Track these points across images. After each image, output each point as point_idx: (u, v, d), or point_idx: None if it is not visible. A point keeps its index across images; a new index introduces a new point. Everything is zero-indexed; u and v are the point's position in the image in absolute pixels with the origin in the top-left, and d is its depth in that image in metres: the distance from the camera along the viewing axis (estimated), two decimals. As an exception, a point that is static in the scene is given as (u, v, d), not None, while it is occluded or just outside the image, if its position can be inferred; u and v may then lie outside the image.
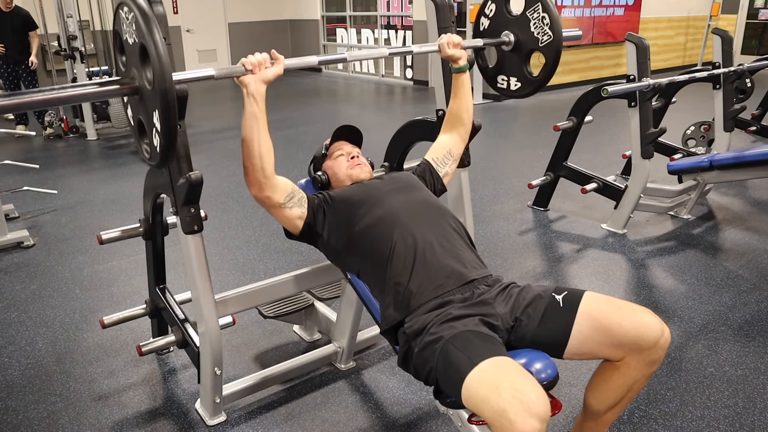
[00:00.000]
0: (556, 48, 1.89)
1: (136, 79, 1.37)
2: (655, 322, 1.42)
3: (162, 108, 1.28)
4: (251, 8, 11.31)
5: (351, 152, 1.95)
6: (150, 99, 1.33)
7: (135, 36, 1.33)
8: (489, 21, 2.06)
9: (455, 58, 1.91)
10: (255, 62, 1.53)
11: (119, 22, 1.42)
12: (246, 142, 1.56)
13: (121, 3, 1.37)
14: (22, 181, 4.56)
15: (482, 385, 1.25)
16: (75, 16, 5.86)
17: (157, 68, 1.26)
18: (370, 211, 1.69)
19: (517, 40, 1.98)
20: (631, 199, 3.47)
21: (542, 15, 1.90)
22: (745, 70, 4.00)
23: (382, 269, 1.61)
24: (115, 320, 2.19)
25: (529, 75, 2.01)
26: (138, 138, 1.48)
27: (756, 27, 11.12)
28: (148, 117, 1.38)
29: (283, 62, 1.59)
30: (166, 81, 1.26)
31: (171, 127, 1.30)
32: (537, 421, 1.15)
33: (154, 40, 1.26)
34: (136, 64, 1.36)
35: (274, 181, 1.64)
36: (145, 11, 1.29)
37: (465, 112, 2.00)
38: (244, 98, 1.53)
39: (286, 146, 5.86)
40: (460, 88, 1.98)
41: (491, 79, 2.13)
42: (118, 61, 1.49)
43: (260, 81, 1.54)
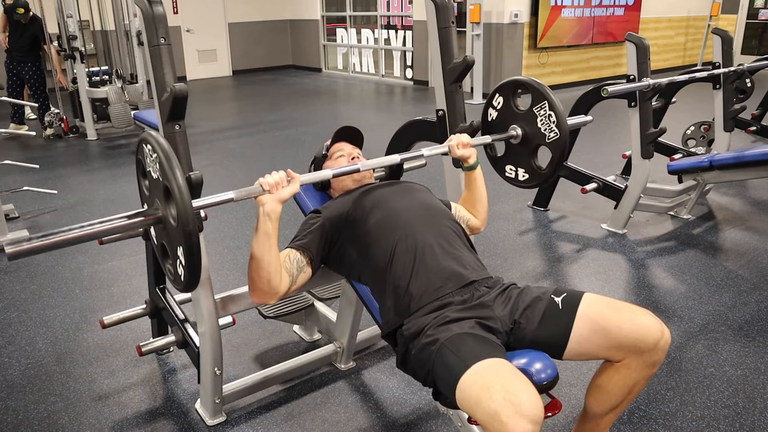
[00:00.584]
0: (562, 145, 1.92)
1: (160, 210, 1.40)
2: (654, 323, 1.41)
3: (186, 248, 1.31)
4: (251, 8, 11.31)
5: (351, 153, 1.94)
6: (174, 234, 1.36)
7: (159, 175, 1.36)
8: (497, 113, 2.08)
9: (465, 158, 1.90)
10: (272, 182, 1.51)
11: (142, 154, 1.46)
12: (255, 258, 1.54)
13: (144, 140, 1.41)
14: (22, 181, 4.57)
15: (475, 387, 1.25)
16: (75, 16, 5.86)
17: (181, 212, 1.29)
18: (369, 215, 1.69)
19: (525, 134, 2.00)
20: (631, 199, 3.47)
21: (548, 113, 1.92)
22: (745, 70, 3.99)
23: (382, 273, 1.61)
24: (115, 320, 2.19)
25: (537, 168, 2.03)
26: (162, 259, 1.52)
27: (756, 27, 11.12)
28: (172, 248, 1.41)
29: (299, 180, 1.57)
30: (190, 224, 1.29)
31: (195, 263, 1.33)
32: (529, 423, 1.15)
33: (178, 185, 1.29)
34: (159, 197, 1.39)
35: (279, 288, 1.60)
36: (168, 154, 1.33)
37: (479, 205, 1.98)
38: (259, 216, 1.52)
39: (286, 146, 5.86)
40: (472, 184, 1.96)
41: (499, 168, 2.16)
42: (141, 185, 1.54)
43: (277, 201, 1.52)
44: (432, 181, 3.23)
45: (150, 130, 1.39)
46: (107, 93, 6.01)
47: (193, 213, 1.30)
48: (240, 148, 5.82)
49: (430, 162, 2.23)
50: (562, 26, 8.58)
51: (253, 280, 1.57)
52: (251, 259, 1.55)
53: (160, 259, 1.52)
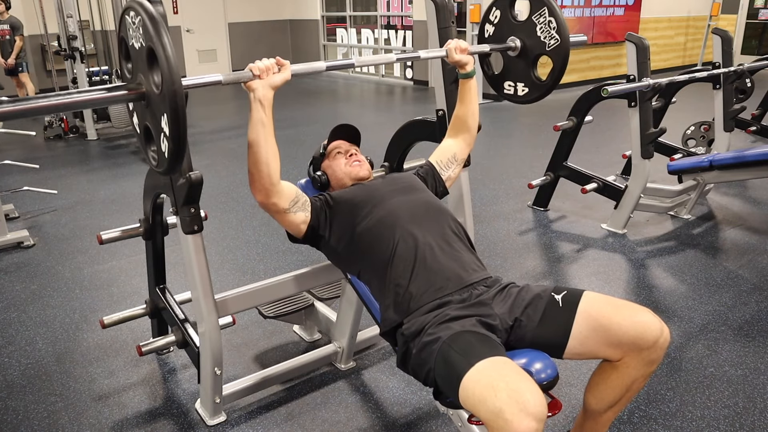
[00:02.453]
0: (564, 52, 1.88)
1: (143, 85, 1.36)
2: (654, 321, 1.42)
3: (171, 110, 1.26)
4: (251, 8, 11.31)
5: (349, 150, 1.95)
6: (158, 103, 1.32)
7: (142, 40, 1.32)
8: (494, 27, 2.05)
9: (462, 64, 1.91)
10: (263, 67, 1.51)
11: (125, 28, 1.41)
12: (252, 148, 1.55)
13: (128, 8, 1.36)
14: (22, 181, 4.57)
15: (479, 385, 1.25)
16: (75, 16, 5.86)
17: (165, 70, 1.24)
18: (371, 212, 1.69)
19: (524, 45, 1.97)
20: (631, 199, 3.47)
21: (549, 19, 1.89)
22: (745, 70, 3.99)
23: (382, 270, 1.61)
24: (115, 320, 2.19)
25: (536, 80, 1.99)
26: (144, 145, 1.46)
27: (756, 27, 11.12)
28: (155, 122, 1.36)
29: (290, 68, 1.57)
30: (175, 83, 1.24)
31: (180, 130, 1.28)
32: (533, 421, 1.15)
33: (162, 42, 1.25)
34: (143, 69, 1.35)
35: (280, 187, 1.63)
36: (152, 14, 1.28)
37: (471, 118, 2.00)
38: (251, 103, 1.52)
39: (286, 146, 5.86)
40: (467, 94, 1.97)
41: (497, 85, 2.12)
42: (123, 69, 1.48)
43: (268, 86, 1.52)
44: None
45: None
46: (107, 93, 6.01)
47: (179, 71, 1.26)
48: (240, 148, 5.82)
49: None
50: (562, 26, 8.57)
51: (252, 173, 1.58)
52: (249, 150, 1.56)
53: (143, 145, 1.47)
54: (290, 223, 1.71)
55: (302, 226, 1.72)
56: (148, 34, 1.28)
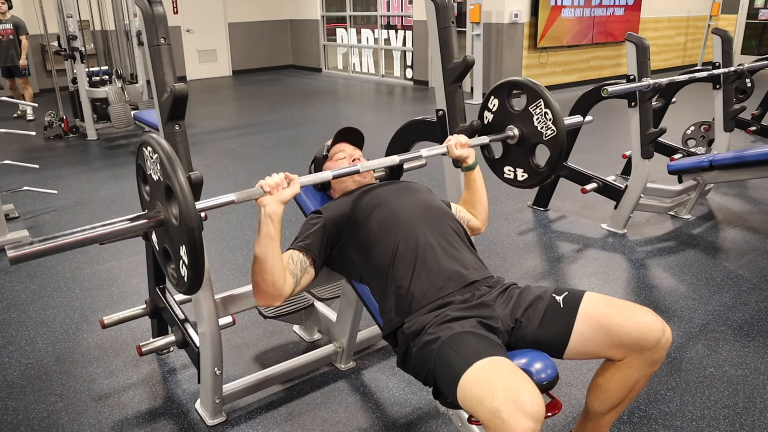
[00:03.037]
0: (560, 142, 1.91)
1: (161, 213, 1.41)
2: (656, 321, 1.42)
3: (189, 245, 1.31)
4: (251, 8, 11.31)
5: (352, 154, 1.94)
6: (177, 235, 1.36)
7: (160, 175, 1.36)
8: (493, 115, 2.09)
9: (464, 158, 1.91)
10: (273, 184, 1.52)
11: (142, 158, 1.46)
12: (259, 261, 1.54)
13: (145, 142, 1.41)
14: (22, 181, 4.57)
15: (476, 385, 1.25)
16: (75, 16, 5.86)
17: (183, 209, 1.29)
18: (371, 215, 1.69)
19: (522, 134, 2.00)
20: (631, 199, 3.47)
21: (545, 111, 1.92)
22: (745, 70, 3.99)
23: (384, 273, 1.61)
24: (115, 320, 2.19)
25: (535, 167, 2.02)
26: (164, 264, 1.51)
27: (756, 27, 11.12)
28: (174, 249, 1.41)
29: (299, 182, 1.57)
30: (193, 220, 1.30)
31: (199, 261, 1.33)
32: (531, 421, 1.16)
33: (180, 183, 1.30)
34: (161, 198, 1.40)
35: (284, 290, 1.60)
36: (169, 154, 1.33)
37: (479, 204, 1.98)
38: (261, 218, 1.52)
39: (286, 146, 5.86)
40: (472, 185, 1.97)
41: (498, 170, 2.16)
42: (142, 191, 1.55)
43: (278, 202, 1.52)
44: (432, 181, 3.23)
45: (150, 132, 1.38)
46: (107, 93, 6.01)
47: (195, 208, 1.31)
48: (240, 148, 5.82)
49: (430, 162, 2.23)
50: (562, 26, 8.58)
51: (257, 283, 1.57)
52: (254, 262, 1.55)
53: (163, 264, 1.53)
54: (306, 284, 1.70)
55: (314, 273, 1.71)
56: (165, 173, 1.33)
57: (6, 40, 6.81)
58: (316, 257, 1.68)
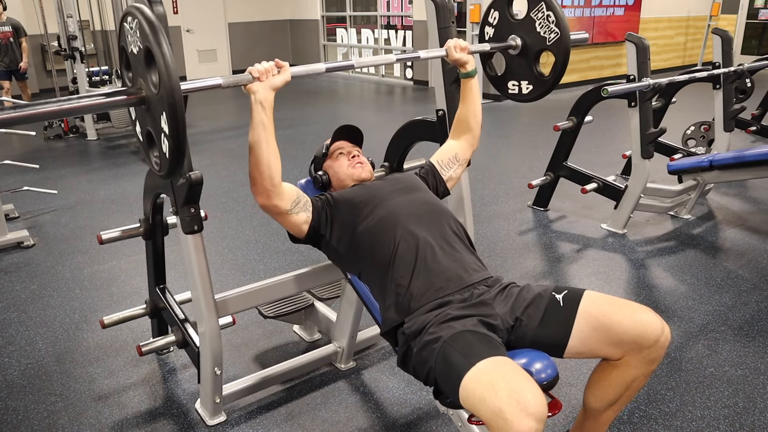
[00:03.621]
0: (565, 45, 1.88)
1: (143, 90, 1.37)
2: (655, 320, 1.42)
3: (169, 107, 1.27)
4: (251, 8, 11.31)
5: (351, 151, 1.95)
6: (156, 104, 1.33)
7: (140, 43, 1.33)
8: (493, 29, 2.05)
9: (462, 62, 1.90)
10: (262, 70, 1.52)
11: (124, 36, 1.42)
12: (254, 150, 1.55)
13: (126, 14, 1.38)
14: (22, 181, 4.57)
15: (479, 384, 1.25)
16: (75, 16, 5.86)
17: (162, 67, 1.26)
18: (372, 212, 1.69)
19: (524, 42, 1.97)
20: (631, 199, 3.47)
21: (547, 14, 1.89)
22: (745, 70, 4.00)
23: (383, 271, 1.61)
24: (115, 320, 2.19)
25: (540, 76, 1.99)
26: (147, 151, 1.48)
27: (756, 27, 11.12)
28: (155, 124, 1.37)
29: (290, 69, 1.57)
30: (172, 78, 1.26)
31: (179, 126, 1.29)
32: (533, 421, 1.15)
33: (158, 41, 1.26)
34: (142, 73, 1.36)
35: (281, 188, 1.63)
36: (149, 18, 1.29)
37: (473, 118, 1.99)
38: (252, 106, 1.52)
39: (286, 146, 5.86)
40: (468, 94, 1.96)
41: (501, 86, 2.12)
42: (125, 78, 1.50)
43: (268, 88, 1.52)
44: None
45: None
46: (107, 93, 6.01)
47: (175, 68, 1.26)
48: (240, 148, 5.82)
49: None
50: (562, 26, 8.57)
51: (254, 176, 1.58)
52: (250, 152, 1.56)
53: (146, 151, 1.48)
54: (292, 224, 1.71)
55: (304, 226, 1.72)
56: (144, 35, 1.30)
57: (5, 42, 6.64)
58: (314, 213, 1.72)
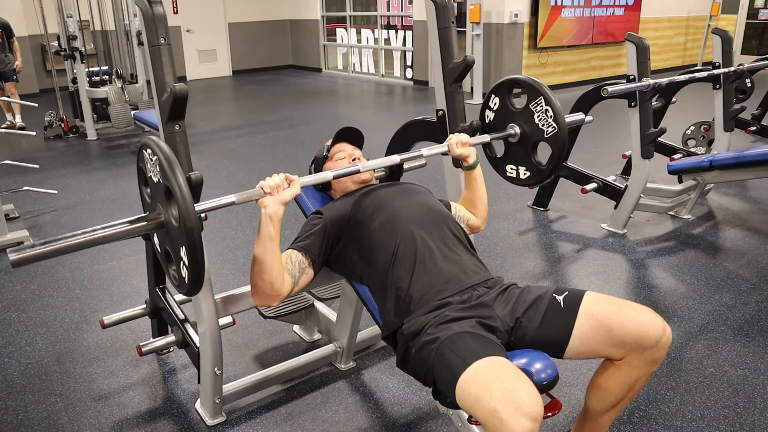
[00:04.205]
0: (561, 139, 1.91)
1: (162, 214, 1.41)
2: (656, 320, 1.42)
3: (189, 246, 1.32)
4: (251, 8, 11.31)
5: (352, 154, 1.95)
6: (177, 236, 1.37)
7: (160, 177, 1.37)
8: (494, 114, 2.09)
9: (464, 157, 1.90)
10: (273, 185, 1.52)
11: (143, 160, 1.47)
12: (258, 262, 1.54)
13: (145, 145, 1.42)
14: (22, 181, 4.57)
15: (475, 385, 1.25)
16: (75, 16, 5.86)
17: (183, 210, 1.30)
18: (372, 218, 1.69)
19: (523, 132, 2.00)
20: (631, 199, 3.47)
21: (545, 108, 1.92)
22: (745, 70, 3.99)
23: (383, 274, 1.61)
24: (115, 320, 2.19)
25: (537, 164, 2.02)
26: (166, 265, 1.52)
27: (756, 27, 11.12)
28: (175, 250, 1.41)
29: (299, 182, 1.57)
30: (192, 220, 1.30)
31: (199, 262, 1.33)
32: (529, 421, 1.16)
33: (179, 184, 1.30)
34: (161, 200, 1.40)
35: (282, 291, 1.59)
36: (168, 156, 1.34)
37: (480, 203, 1.98)
38: (262, 218, 1.52)
39: (286, 146, 5.86)
40: (473, 183, 1.97)
41: (500, 168, 2.15)
42: (143, 193, 1.56)
43: (279, 203, 1.52)
44: (432, 181, 3.23)
45: (150, 132, 1.40)
46: (107, 93, 6.01)
47: (194, 210, 1.31)
48: (240, 148, 5.82)
49: (430, 162, 2.23)
50: (562, 26, 8.58)
51: (256, 283, 1.57)
52: (253, 262, 1.55)
53: (164, 266, 1.53)
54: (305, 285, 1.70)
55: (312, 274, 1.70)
56: (164, 175, 1.34)
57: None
58: (316, 258, 1.68)
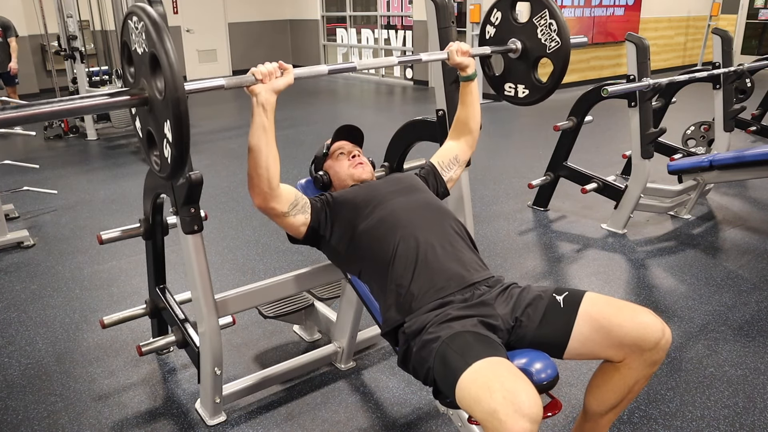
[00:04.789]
0: (564, 54, 1.88)
1: (146, 90, 1.35)
2: (656, 322, 1.42)
3: (174, 117, 1.25)
4: (251, 8, 11.31)
5: (352, 151, 1.95)
6: (161, 109, 1.31)
7: (145, 46, 1.30)
8: (495, 29, 2.04)
9: (463, 66, 1.90)
10: (265, 72, 1.50)
11: (127, 33, 1.40)
12: (253, 153, 1.54)
13: (130, 13, 1.35)
14: (22, 181, 4.56)
15: (475, 385, 1.25)
16: (75, 16, 5.86)
17: (168, 77, 1.23)
18: (372, 212, 1.69)
19: (524, 47, 1.96)
20: (631, 199, 3.47)
21: (549, 22, 1.88)
22: (745, 70, 3.99)
23: (384, 271, 1.61)
24: (115, 320, 2.19)
25: (537, 82, 1.99)
26: (147, 150, 1.46)
27: (756, 27, 11.12)
28: (158, 128, 1.35)
29: (293, 72, 1.56)
30: (178, 89, 1.24)
31: (183, 136, 1.27)
32: (528, 422, 1.16)
33: (166, 49, 1.24)
34: (145, 74, 1.33)
35: (279, 191, 1.62)
36: (156, 20, 1.27)
37: (472, 120, 2.00)
38: (254, 108, 1.51)
39: (286, 146, 5.86)
40: (468, 96, 1.97)
41: (498, 87, 2.11)
42: (126, 73, 1.47)
43: (271, 90, 1.51)
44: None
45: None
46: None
47: (182, 78, 1.24)
48: (240, 148, 5.82)
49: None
50: (562, 26, 8.57)
51: (252, 177, 1.58)
52: (249, 153, 1.55)
53: (146, 150, 1.47)
54: (290, 226, 1.71)
55: (302, 228, 1.72)
56: (151, 41, 1.27)
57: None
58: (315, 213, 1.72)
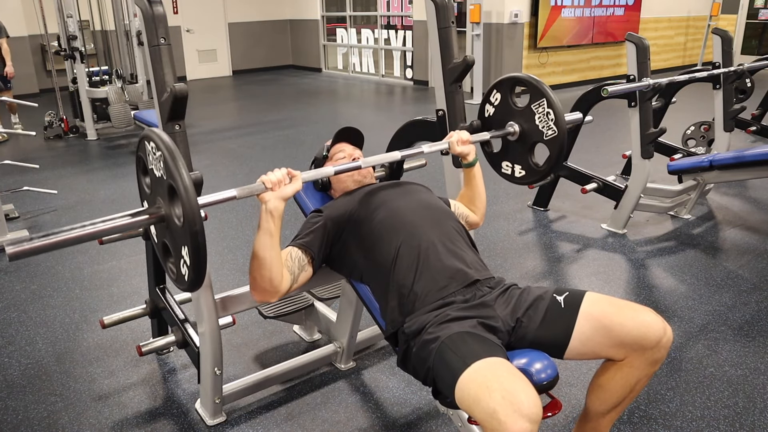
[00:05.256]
0: (560, 143, 1.91)
1: (162, 208, 1.38)
2: (657, 321, 1.42)
3: (193, 248, 1.28)
4: (251, 8, 11.31)
5: (352, 154, 1.95)
6: (179, 234, 1.34)
7: (163, 173, 1.33)
8: (494, 109, 2.07)
9: (464, 155, 1.91)
10: (275, 180, 1.51)
11: (144, 151, 1.42)
12: (257, 257, 1.54)
13: (147, 137, 1.38)
14: (22, 181, 4.57)
15: (474, 385, 1.26)
16: (75, 16, 5.86)
17: (188, 211, 1.26)
18: (373, 215, 1.69)
19: (522, 131, 1.99)
20: (631, 199, 3.47)
21: (547, 110, 1.91)
22: (745, 70, 3.99)
23: (386, 272, 1.61)
24: (115, 320, 2.19)
25: (534, 165, 2.02)
26: (164, 258, 1.49)
27: (756, 27, 11.12)
28: (176, 248, 1.38)
29: (301, 178, 1.56)
30: (197, 224, 1.26)
31: (202, 263, 1.30)
32: (527, 422, 1.16)
33: (185, 184, 1.26)
34: (162, 195, 1.37)
35: (280, 287, 1.59)
36: (173, 152, 1.29)
37: (478, 200, 1.99)
38: (262, 214, 1.52)
39: (286, 146, 5.86)
40: (472, 180, 1.97)
41: (496, 164, 2.15)
42: (142, 183, 1.51)
43: (280, 198, 1.52)
44: (432, 181, 3.23)
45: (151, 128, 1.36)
46: (107, 93, 6.01)
47: (200, 213, 1.29)
48: (240, 148, 5.82)
49: (430, 162, 2.23)
50: (562, 26, 8.58)
51: (255, 278, 1.57)
52: (253, 257, 1.55)
53: (162, 258, 1.52)
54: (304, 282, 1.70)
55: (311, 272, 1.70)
56: (169, 173, 1.30)
57: None
58: (315, 256, 1.68)
